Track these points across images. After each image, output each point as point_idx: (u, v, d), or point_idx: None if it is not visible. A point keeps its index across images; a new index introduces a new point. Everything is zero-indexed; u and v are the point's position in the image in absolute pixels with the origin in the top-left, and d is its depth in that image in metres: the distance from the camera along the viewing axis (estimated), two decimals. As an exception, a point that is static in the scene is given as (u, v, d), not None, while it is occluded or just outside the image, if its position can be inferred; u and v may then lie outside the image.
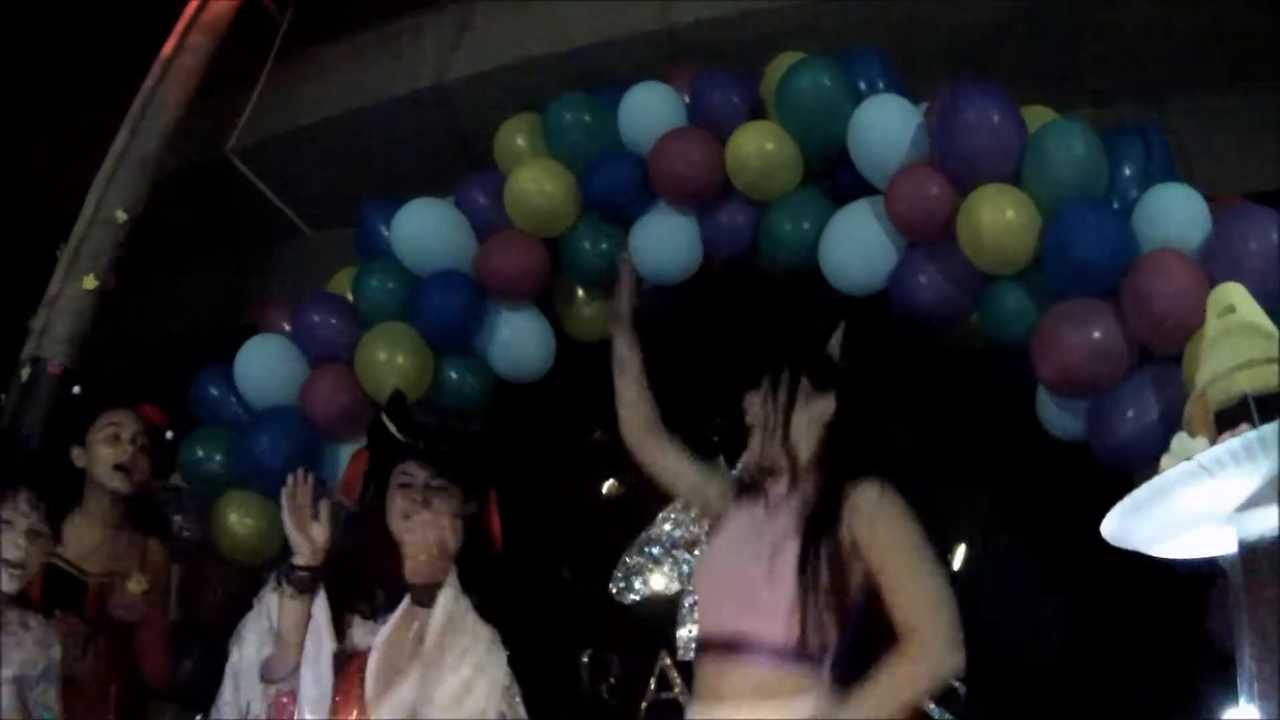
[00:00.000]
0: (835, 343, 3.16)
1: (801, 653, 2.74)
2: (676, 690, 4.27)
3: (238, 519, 4.14)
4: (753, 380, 3.20)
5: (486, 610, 3.27)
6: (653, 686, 4.33)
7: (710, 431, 4.47)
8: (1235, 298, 2.58)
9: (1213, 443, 2.34)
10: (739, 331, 4.45)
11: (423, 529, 3.19)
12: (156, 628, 3.82)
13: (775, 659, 2.75)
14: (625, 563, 4.44)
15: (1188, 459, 2.29)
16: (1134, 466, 3.60)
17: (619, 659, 4.40)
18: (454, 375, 4.35)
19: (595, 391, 4.53)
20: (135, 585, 3.72)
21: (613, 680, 4.38)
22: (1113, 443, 3.56)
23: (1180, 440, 2.42)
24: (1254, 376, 2.39)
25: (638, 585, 4.42)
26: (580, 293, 4.52)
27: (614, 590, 4.44)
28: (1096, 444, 3.63)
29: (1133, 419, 3.51)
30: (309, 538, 3.12)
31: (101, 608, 3.67)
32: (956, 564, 4.20)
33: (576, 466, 4.62)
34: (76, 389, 4.09)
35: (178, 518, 4.20)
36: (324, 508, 3.18)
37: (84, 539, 3.70)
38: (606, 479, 4.61)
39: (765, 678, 2.74)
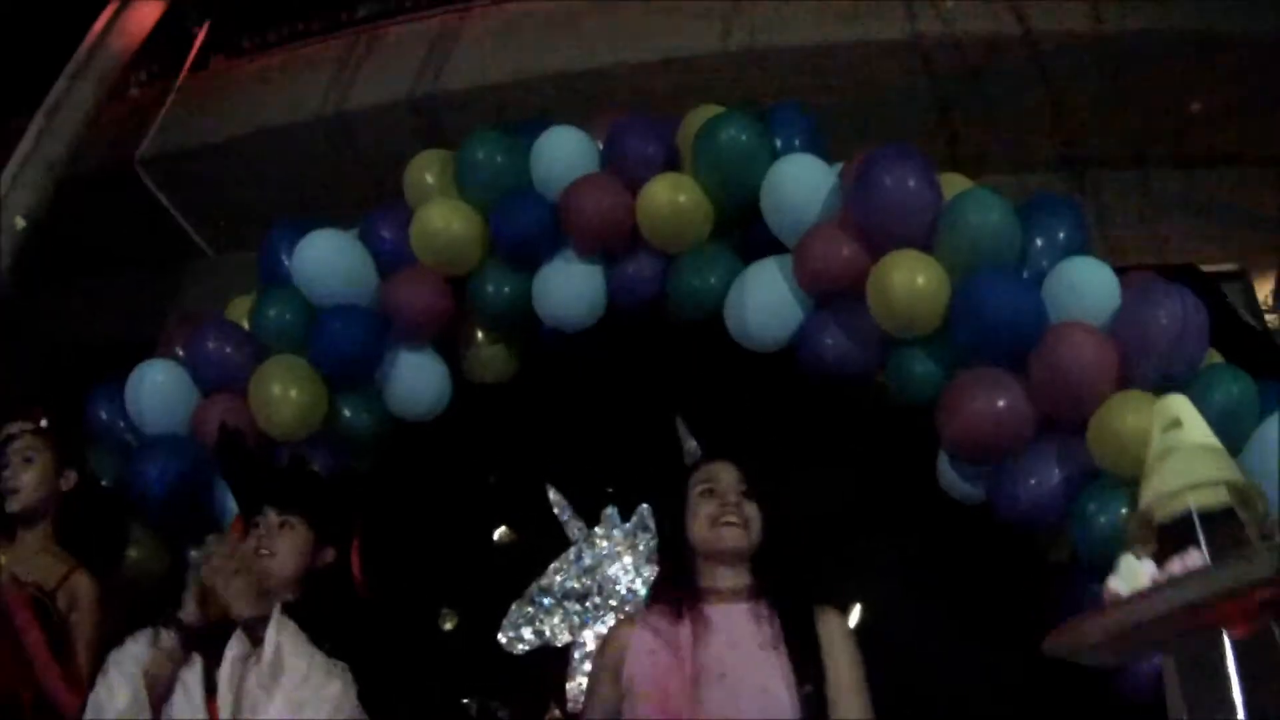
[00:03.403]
0: (690, 449, 3.17)
1: None
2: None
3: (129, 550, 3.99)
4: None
5: (351, 656, 3.17)
6: (539, 737, 4.27)
7: (605, 483, 4.45)
8: (1181, 412, 2.56)
9: (1158, 561, 2.32)
10: (641, 382, 4.42)
11: (267, 568, 3.17)
12: (37, 643, 3.52)
13: None
14: (515, 612, 4.36)
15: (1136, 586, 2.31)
16: (1035, 531, 3.66)
17: (507, 710, 4.29)
18: (348, 412, 4.24)
19: (492, 434, 4.52)
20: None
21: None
22: (1014, 509, 3.60)
23: (1128, 564, 2.39)
24: (1201, 496, 2.38)
25: (527, 635, 4.33)
26: (481, 334, 4.42)
27: (503, 640, 4.34)
28: (1001, 510, 3.65)
29: (1035, 487, 3.55)
30: (202, 606, 3.06)
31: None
32: (853, 622, 4.18)
33: (468, 511, 4.54)
34: None
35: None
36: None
37: (11, 566, 3.61)
38: (499, 525, 4.53)
39: None
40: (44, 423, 3.82)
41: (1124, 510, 3.37)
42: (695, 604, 2.99)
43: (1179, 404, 2.58)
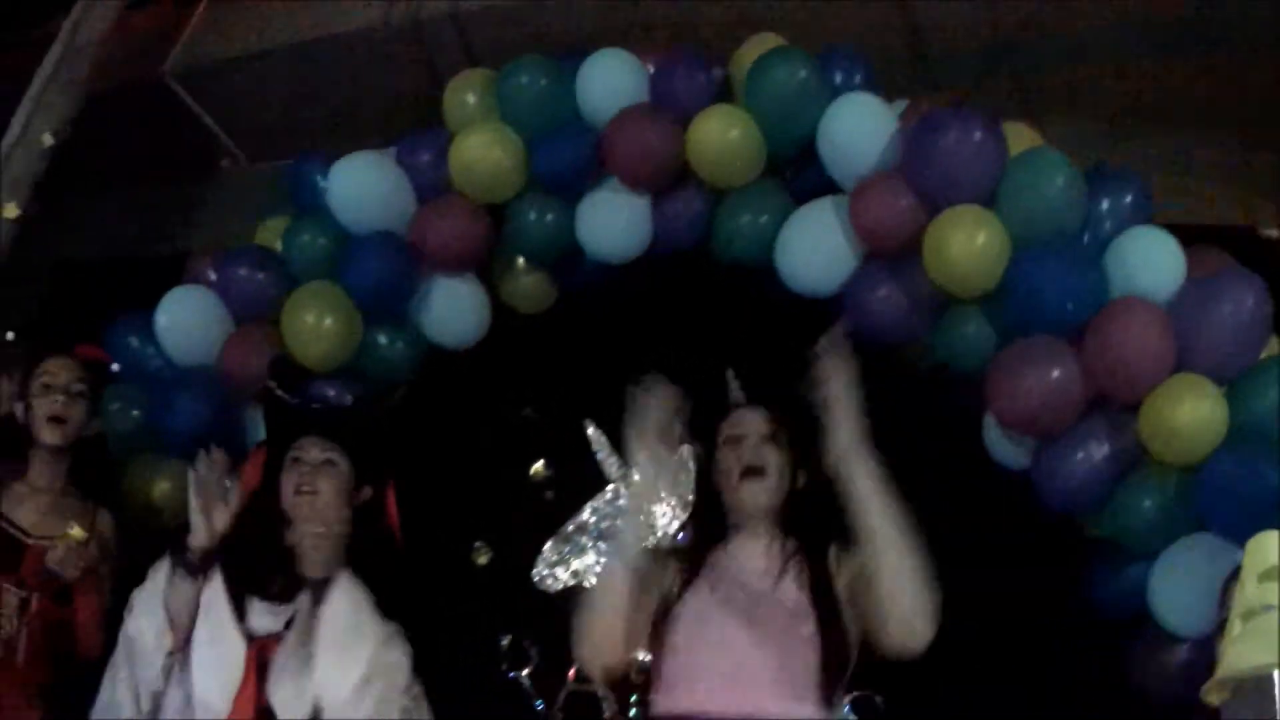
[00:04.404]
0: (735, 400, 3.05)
1: None
2: (595, 683, 4.19)
3: (152, 482, 3.96)
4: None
5: (388, 602, 3.14)
6: (572, 677, 4.25)
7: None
8: None
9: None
10: (686, 318, 4.30)
11: (311, 508, 3.09)
12: (96, 600, 3.65)
13: None
14: (549, 550, 4.33)
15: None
16: (1077, 510, 3.58)
17: (539, 647, 4.29)
18: (383, 340, 4.15)
19: (529, 365, 4.43)
20: (76, 532, 3.55)
21: (532, 668, 4.29)
22: (1058, 485, 3.52)
23: None
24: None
25: (561, 574, 4.31)
26: (520, 262, 4.29)
27: (536, 578, 4.33)
28: (1041, 483, 3.56)
29: (1081, 463, 3.47)
30: (209, 521, 3.02)
31: (40, 572, 3.54)
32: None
33: (504, 445, 4.47)
34: (10, 335, 3.90)
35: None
36: (231, 490, 3.07)
37: (27, 501, 3.64)
38: (535, 460, 4.46)
39: None
40: (115, 367, 3.89)
41: (1170, 496, 3.32)
42: (721, 543, 2.98)
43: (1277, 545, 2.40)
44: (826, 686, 2.76)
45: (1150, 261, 3.45)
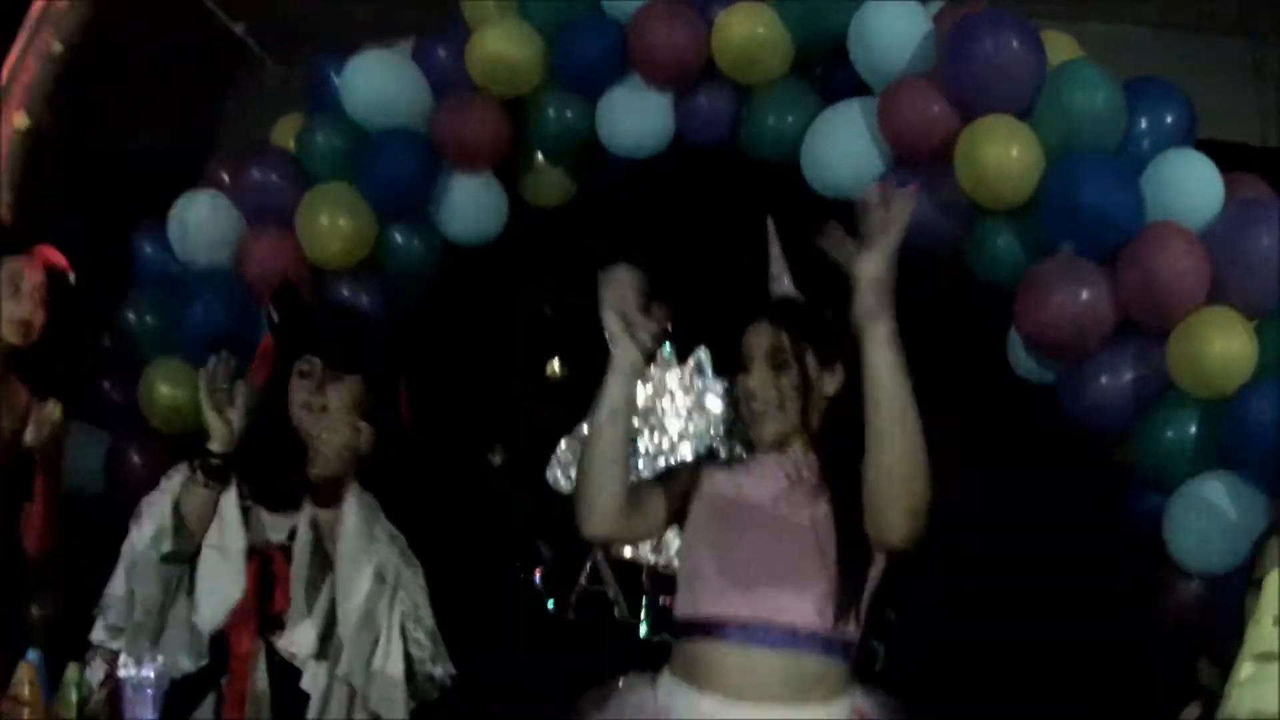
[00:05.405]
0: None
1: (840, 644, 2.61)
2: (606, 585, 4.25)
3: (168, 389, 3.93)
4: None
5: (396, 507, 3.10)
6: (584, 579, 4.27)
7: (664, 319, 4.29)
8: None
9: None
10: (708, 214, 4.22)
11: (318, 422, 2.98)
12: (49, 494, 3.56)
13: (817, 649, 2.60)
14: (564, 449, 4.31)
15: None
16: (1101, 433, 3.54)
17: (552, 548, 4.31)
18: (400, 238, 4.08)
19: (548, 261, 4.36)
20: (55, 408, 3.49)
21: (544, 569, 4.31)
22: (1084, 407, 3.48)
23: None
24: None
25: (575, 474, 4.27)
26: (540, 158, 4.21)
27: (550, 477, 4.31)
28: (1068, 403, 3.52)
29: (1106, 387, 3.42)
30: (226, 422, 2.92)
31: None
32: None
33: (521, 342, 4.43)
34: None
35: (106, 383, 4.04)
36: (240, 391, 2.96)
37: None
38: (552, 357, 4.41)
39: (808, 668, 2.59)
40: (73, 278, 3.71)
41: (1192, 429, 3.28)
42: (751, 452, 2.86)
43: None
44: (844, 600, 2.65)
45: (1189, 186, 3.36)
